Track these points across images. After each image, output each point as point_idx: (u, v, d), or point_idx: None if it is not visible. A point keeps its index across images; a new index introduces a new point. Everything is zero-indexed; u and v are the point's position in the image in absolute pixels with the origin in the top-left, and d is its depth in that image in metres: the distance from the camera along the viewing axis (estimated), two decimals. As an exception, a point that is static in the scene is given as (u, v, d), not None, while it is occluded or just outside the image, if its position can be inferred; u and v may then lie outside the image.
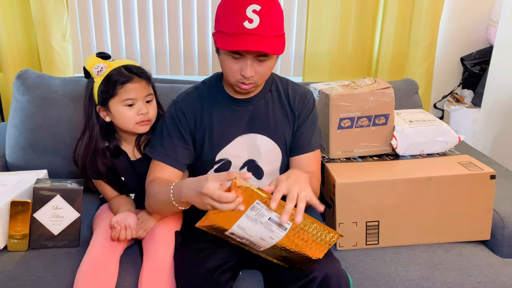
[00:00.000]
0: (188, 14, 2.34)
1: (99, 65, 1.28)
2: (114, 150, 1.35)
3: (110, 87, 1.26)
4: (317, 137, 1.35)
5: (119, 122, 1.30)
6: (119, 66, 1.29)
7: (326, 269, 1.10)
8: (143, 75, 1.30)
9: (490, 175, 1.34)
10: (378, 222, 1.35)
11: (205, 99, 1.29)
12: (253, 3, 1.09)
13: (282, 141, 1.31)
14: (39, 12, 2.17)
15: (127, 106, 1.28)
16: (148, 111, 1.30)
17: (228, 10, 1.11)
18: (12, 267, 1.24)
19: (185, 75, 2.44)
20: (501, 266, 1.31)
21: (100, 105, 1.30)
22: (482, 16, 2.40)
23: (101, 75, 1.27)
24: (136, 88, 1.28)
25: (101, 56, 1.29)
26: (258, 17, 1.09)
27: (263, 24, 1.09)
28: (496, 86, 2.11)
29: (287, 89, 1.32)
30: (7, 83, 2.26)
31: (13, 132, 1.67)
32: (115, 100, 1.27)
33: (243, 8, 1.09)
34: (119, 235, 1.20)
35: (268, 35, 1.11)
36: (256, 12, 1.09)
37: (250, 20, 1.09)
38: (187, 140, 1.28)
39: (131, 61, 1.34)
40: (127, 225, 1.21)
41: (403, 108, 1.71)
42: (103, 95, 1.28)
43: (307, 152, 1.33)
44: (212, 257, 1.21)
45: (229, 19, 1.11)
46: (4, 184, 1.38)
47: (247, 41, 1.09)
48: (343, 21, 2.29)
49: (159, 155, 1.27)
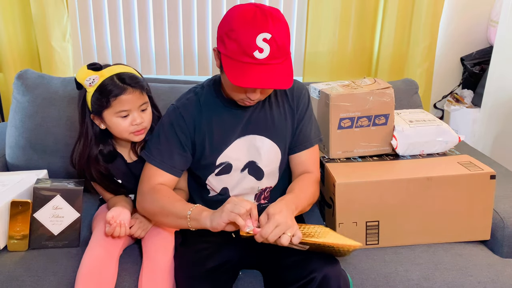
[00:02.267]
0: (188, 14, 2.34)
1: (91, 77, 1.24)
2: (109, 155, 1.35)
3: (103, 99, 1.23)
4: (316, 131, 1.36)
5: (114, 131, 1.29)
6: (111, 75, 1.25)
7: (325, 270, 1.10)
8: (137, 85, 1.25)
9: (490, 175, 1.34)
10: (378, 222, 1.35)
11: (204, 104, 1.28)
12: (263, 31, 1.05)
13: (281, 140, 1.31)
14: (39, 12, 2.17)
15: (121, 117, 1.26)
16: (143, 120, 1.28)
17: (237, 37, 1.06)
18: (12, 267, 1.24)
19: (185, 75, 2.44)
20: (501, 266, 1.31)
21: (94, 114, 1.28)
22: (482, 16, 2.40)
23: (94, 85, 1.24)
24: (130, 99, 1.25)
25: (92, 68, 1.26)
26: (269, 46, 1.06)
27: (273, 52, 1.07)
28: (496, 86, 2.11)
29: None
30: (7, 83, 2.27)
31: (13, 132, 1.67)
32: (109, 111, 1.25)
33: (253, 37, 1.05)
34: (114, 231, 1.20)
35: (277, 62, 1.09)
36: (267, 40, 1.06)
37: (261, 50, 1.06)
38: (184, 147, 1.27)
39: (123, 66, 1.30)
40: (121, 222, 1.21)
41: (403, 108, 1.72)
42: (96, 106, 1.25)
43: (307, 148, 1.33)
44: (212, 257, 1.21)
45: (238, 47, 1.07)
46: (4, 184, 1.38)
47: (258, 75, 1.06)
48: (343, 21, 2.29)
49: (155, 160, 1.26)
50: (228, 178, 1.30)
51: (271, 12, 1.08)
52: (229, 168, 1.30)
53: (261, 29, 1.05)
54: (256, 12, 1.07)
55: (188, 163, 1.30)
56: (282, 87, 1.09)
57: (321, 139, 1.37)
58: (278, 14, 1.10)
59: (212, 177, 1.31)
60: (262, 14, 1.07)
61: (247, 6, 1.10)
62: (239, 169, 1.30)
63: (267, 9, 1.09)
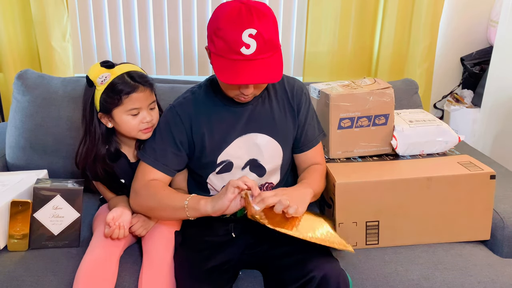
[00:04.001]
0: (188, 14, 2.34)
1: (104, 74, 1.24)
2: (114, 154, 1.35)
3: (115, 96, 1.24)
4: (319, 127, 1.38)
5: (122, 129, 1.30)
6: (121, 73, 1.26)
7: (324, 269, 1.10)
8: (147, 84, 1.28)
9: (490, 175, 1.34)
10: (378, 222, 1.35)
11: (203, 103, 1.28)
12: (248, 27, 1.06)
13: (282, 138, 1.31)
14: (39, 12, 2.17)
15: (132, 115, 1.27)
16: (152, 118, 1.29)
17: (223, 35, 1.08)
18: (12, 267, 1.24)
19: (185, 75, 2.44)
20: (501, 266, 1.31)
21: (102, 112, 1.29)
22: (482, 16, 2.40)
23: (104, 83, 1.25)
24: (141, 98, 1.26)
25: (105, 66, 1.26)
26: (255, 42, 1.07)
27: (260, 48, 1.07)
28: (496, 86, 2.11)
29: (283, 84, 1.32)
30: (7, 83, 2.27)
31: (13, 132, 1.67)
32: (120, 109, 1.26)
33: (239, 34, 1.06)
34: (112, 233, 1.20)
35: (266, 56, 1.09)
36: (252, 36, 1.06)
37: (247, 46, 1.07)
38: (179, 146, 1.27)
39: (132, 65, 1.32)
40: (121, 225, 1.21)
41: (403, 108, 1.72)
42: (106, 104, 1.25)
43: (314, 146, 1.36)
44: (212, 257, 1.21)
45: (225, 44, 1.08)
46: (4, 184, 1.38)
47: (247, 71, 1.07)
48: (343, 21, 2.29)
49: (149, 158, 1.26)
50: (229, 176, 1.30)
51: (257, 7, 1.09)
52: (230, 166, 1.30)
53: (246, 25, 1.06)
54: (241, 9, 1.08)
55: (183, 163, 1.31)
56: (272, 81, 1.10)
57: (325, 134, 1.41)
58: (264, 8, 1.10)
59: (213, 176, 1.31)
60: (247, 10, 1.08)
61: (233, 3, 1.10)
62: (240, 167, 1.30)
63: (252, 4, 1.10)
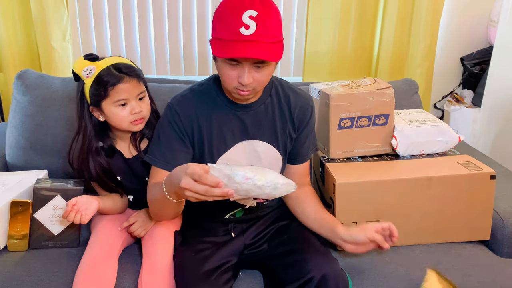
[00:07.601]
0: (188, 14, 2.34)
1: (88, 67, 1.25)
2: (109, 150, 1.35)
3: (101, 89, 1.24)
4: (314, 141, 1.38)
5: (113, 122, 1.30)
6: (107, 66, 1.26)
7: (323, 269, 1.10)
8: (133, 73, 1.27)
9: (490, 175, 1.34)
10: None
11: (203, 101, 1.26)
12: (249, 8, 1.06)
13: (282, 147, 1.30)
14: (39, 12, 2.17)
15: (120, 106, 1.27)
16: (141, 109, 1.29)
17: (224, 17, 1.08)
18: (12, 267, 1.24)
19: (185, 75, 2.44)
20: (501, 266, 1.31)
21: (93, 106, 1.29)
22: (482, 16, 2.40)
23: (91, 76, 1.25)
24: (128, 88, 1.26)
25: (88, 58, 1.27)
26: (255, 23, 1.06)
27: (259, 30, 1.07)
28: (496, 86, 2.11)
29: (288, 95, 1.29)
30: (7, 83, 2.27)
31: (13, 132, 1.67)
32: (107, 101, 1.26)
33: (239, 14, 1.06)
34: (68, 216, 1.20)
35: (266, 41, 1.08)
36: (253, 18, 1.06)
37: (247, 26, 1.06)
38: (185, 142, 1.25)
39: (119, 57, 1.32)
40: (80, 210, 1.20)
41: (403, 108, 1.71)
42: (94, 97, 1.26)
43: (306, 161, 1.37)
44: (212, 257, 1.21)
45: (225, 26, 1.08)
46: (4, 184, 1.38)
47: (243, 48, 1.06)
48: (343, 21, 2.29)
49: (159, 162, 1.24)
50: None
51: None
52: None
53: (247, 6, 1.06)
54: None
55: (190, 160, 1.28)
56: (268, 59, 1.07)
57: (317, 148, 1.41)
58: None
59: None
60: None
61: None
62: None
63: None
